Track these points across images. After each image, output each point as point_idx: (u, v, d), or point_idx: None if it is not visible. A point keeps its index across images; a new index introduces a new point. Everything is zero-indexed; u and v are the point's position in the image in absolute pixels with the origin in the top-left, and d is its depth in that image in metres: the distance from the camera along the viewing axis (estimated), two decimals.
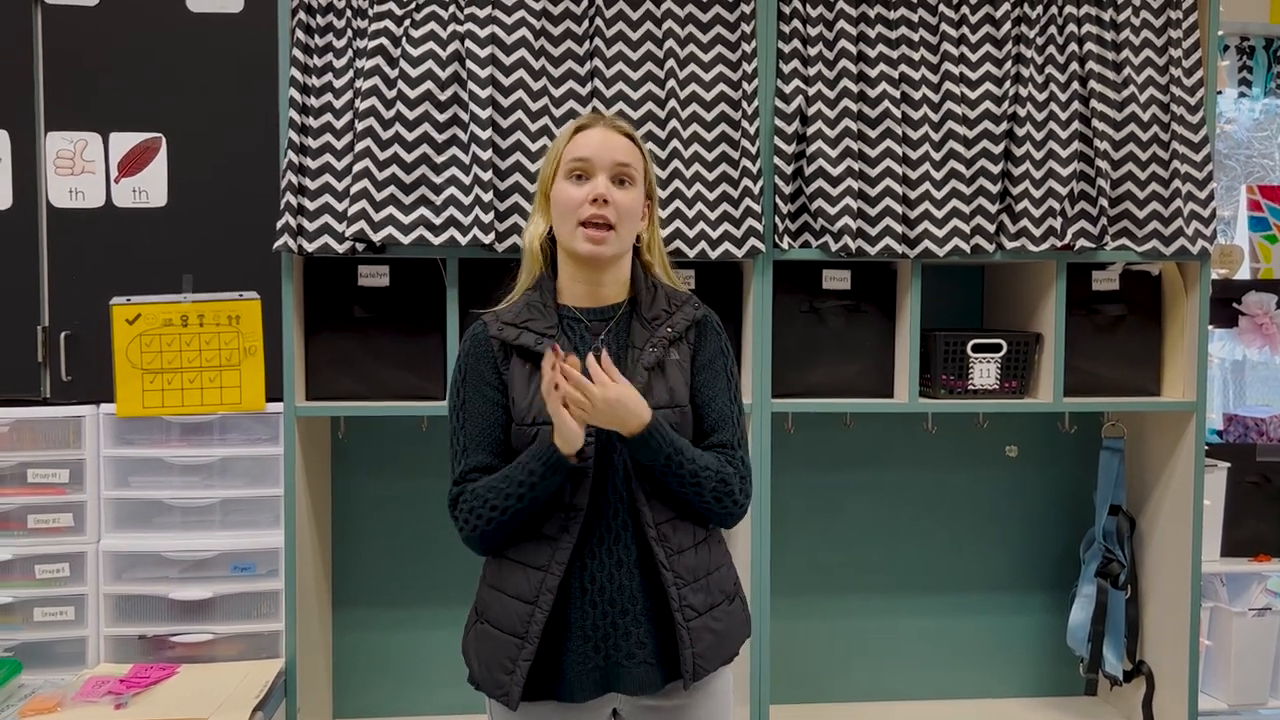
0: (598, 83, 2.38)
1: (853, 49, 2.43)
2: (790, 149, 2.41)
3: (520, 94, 2.33)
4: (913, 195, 2.44)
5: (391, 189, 2.30)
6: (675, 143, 2.37)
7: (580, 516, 1.60)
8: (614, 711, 1.74)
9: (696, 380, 1.70)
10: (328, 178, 2.33)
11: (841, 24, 2.42)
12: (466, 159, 2.32)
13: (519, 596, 1.62)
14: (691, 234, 2.37)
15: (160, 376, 2.41)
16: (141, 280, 2.44)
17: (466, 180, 2.32)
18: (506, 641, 1.62)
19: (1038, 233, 2.46)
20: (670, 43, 2.38)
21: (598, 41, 2.38)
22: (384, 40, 2.31)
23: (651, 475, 1.62)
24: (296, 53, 2.30)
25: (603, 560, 1.62)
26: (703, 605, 1.65)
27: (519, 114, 2.33)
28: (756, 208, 2.38)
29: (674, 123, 2.37)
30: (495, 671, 1.63)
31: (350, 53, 2.35)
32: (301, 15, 2.31)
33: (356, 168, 2.29)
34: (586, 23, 2.39)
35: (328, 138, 2.34)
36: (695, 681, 1.65)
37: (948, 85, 2.46)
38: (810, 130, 2.42)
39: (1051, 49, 2.48)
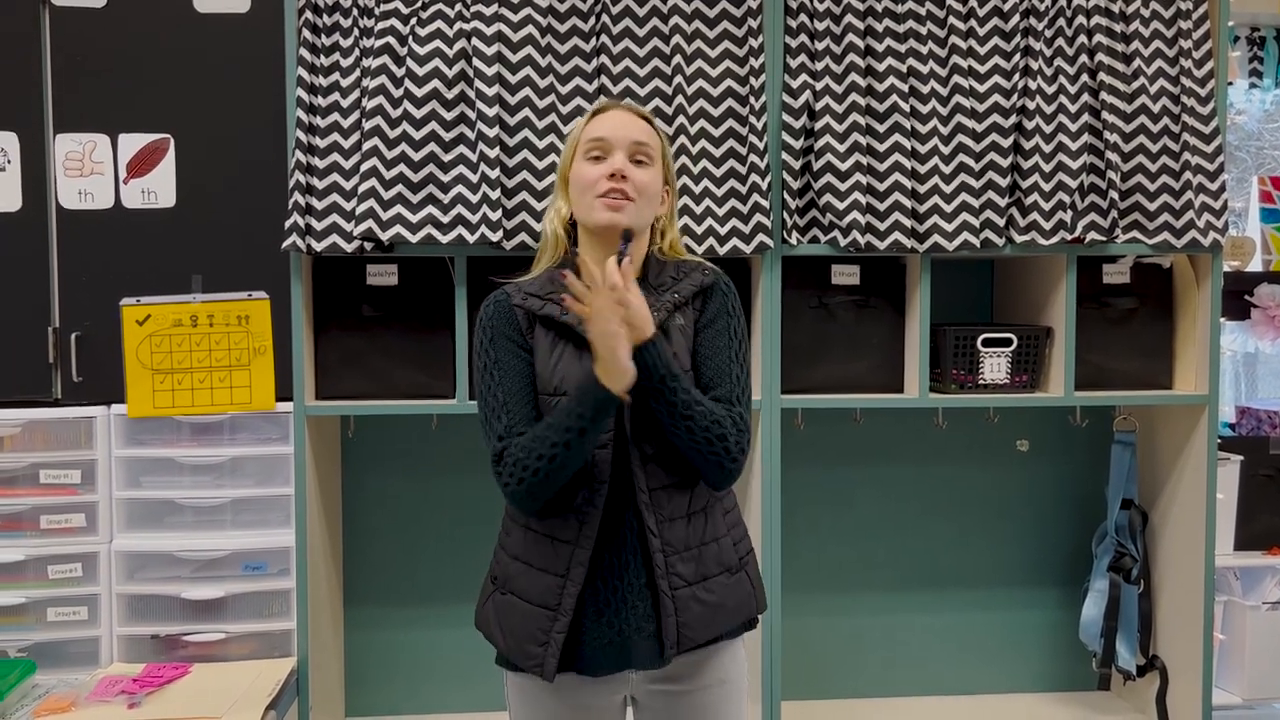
0: (604, 80, 2.38)
1: (860, 43, 2.42)
2: (798, 144, 2.40)
3: (527, 91, 2.33)
4: (921, 189, 2.43)
5: (399, 188, 2.30)
6: (682, 138, 2.37)
7: (604, 488, 1.61)
8: (630, 699, 1.74)
9: (698, 338, 1.68)
10: (335, 177, 2.33)
11: (849, 18, 2.41)
12: (474, 157, 2.32)
13: (548, 569, 1.63)
14: (699, 230, 2.36)
15: (170, 377, 2.42)
16: (151, 281, 2.44)
17: (474, 179, 2.32)
18: (537, 613, 1.63)
19: (1047, 226, 2.45)
20: (677, 39, 2.37)
21: (604, 39, 2.37)
22: (390, 39, 2.31)
23: (652, 433, 1.61)
24: (303, 52, 2.31)
25: (609, 534, 1.63)
26: (692, 575, 1.65)
27: (526, 112, 2.33)
28: (765, 203, 2.37)
29: (681, 119, 2.37)
30: (526, 643, 1.64)
31: (357, 52, 2.35)
32: (308, 15, 2.32)
33: (364, 166, 2.29)
34: (593, 20, 2.38)
35: (335, 137, 2.34)
36: (681, 653, 1.64)
37: (956, 79, 2.45)
38: (818, 125, 2.41)
39: (1060, 41, 2.47)
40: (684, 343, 1.67)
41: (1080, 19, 2.45)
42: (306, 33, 2.31)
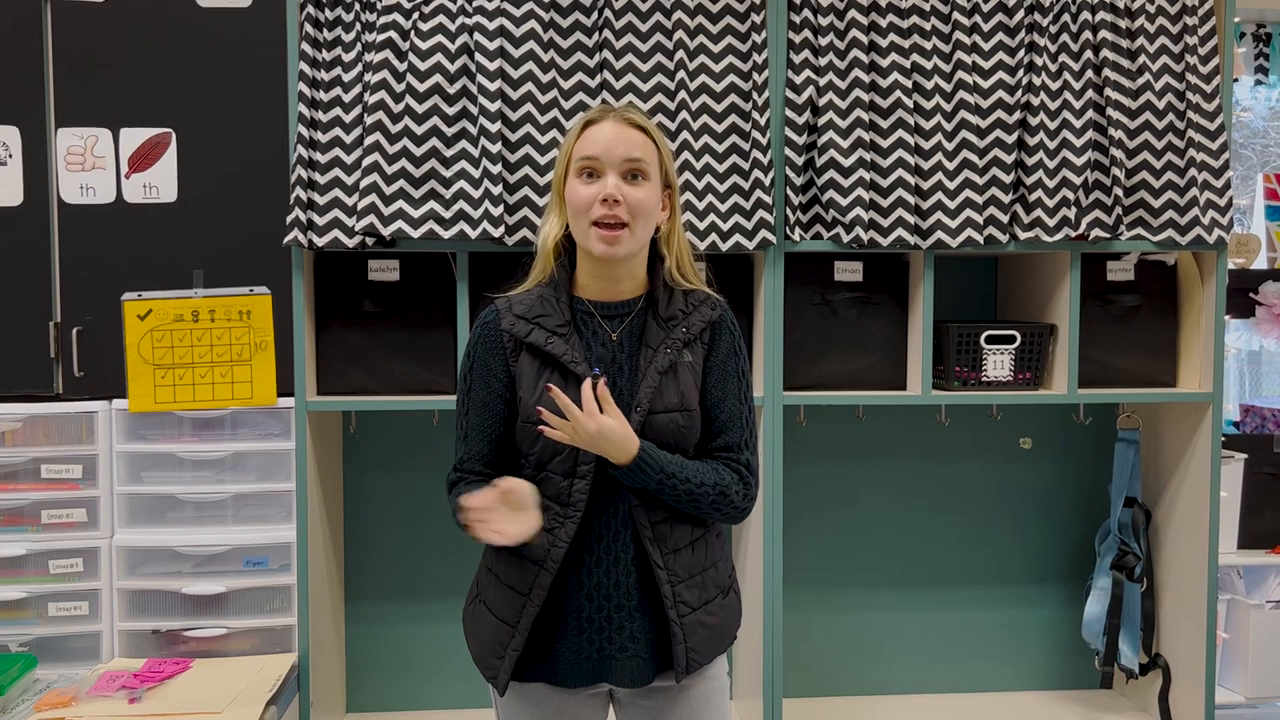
0: (607, 74, 2.37)
1: (864, 39, 2.41)
2: (801, 140, 2.40)
3: (529, 86, 2.32)
4: (925, 186, 2.42)
5: (401, 183, 2.30)
6: (685, 134, 2.36)
7: (577, 516, 1.61)
8: (610, 693, 1.75)
9: (708, 381, 1.69)
10: (337, 172, 2.33)
11: (853, 13, 2.40)
12: (476, 152, 2.32)
13: (512, 586, 1.65)
14: (702, 226, 2.36)
15: (172, 372, 2.42)
16: (152, 275, 2.44)
17: (476, 173, 2.32)
18: (499, 627, 1.65)
19: (1052, 223, 2.44)
20: (680, 33, 2.36)
21: (606, 33, 2.36)
22: (392, 33, 2.30)
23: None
24: (305, 47, 2.30)
25: (600, 556, 1.63)
26: (697, 601, 1.66)
27: (528, 106, 2.32)
28: (767, 199, 2.36)
29: (684, 114, 2.36)
30: (487, 654, 1.68)
31: (359, 46, 2.35)
32: (310, 9, 2.31)
33: (366, 161, 2.29)
34: (595, 14, 2.38)
35: (337, 132, 2.33)
36: (688, 676, 1.66)
37: (960, 75, 2.44)
38: (821, 121, 2.40)
39: (1065, 37, 2.46)
40: (692, 380, 1.67)
41: (1085, 15, 2.44)
42: (308, 27, 2.31)
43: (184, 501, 2.44)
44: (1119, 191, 2.45)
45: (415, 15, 2.31)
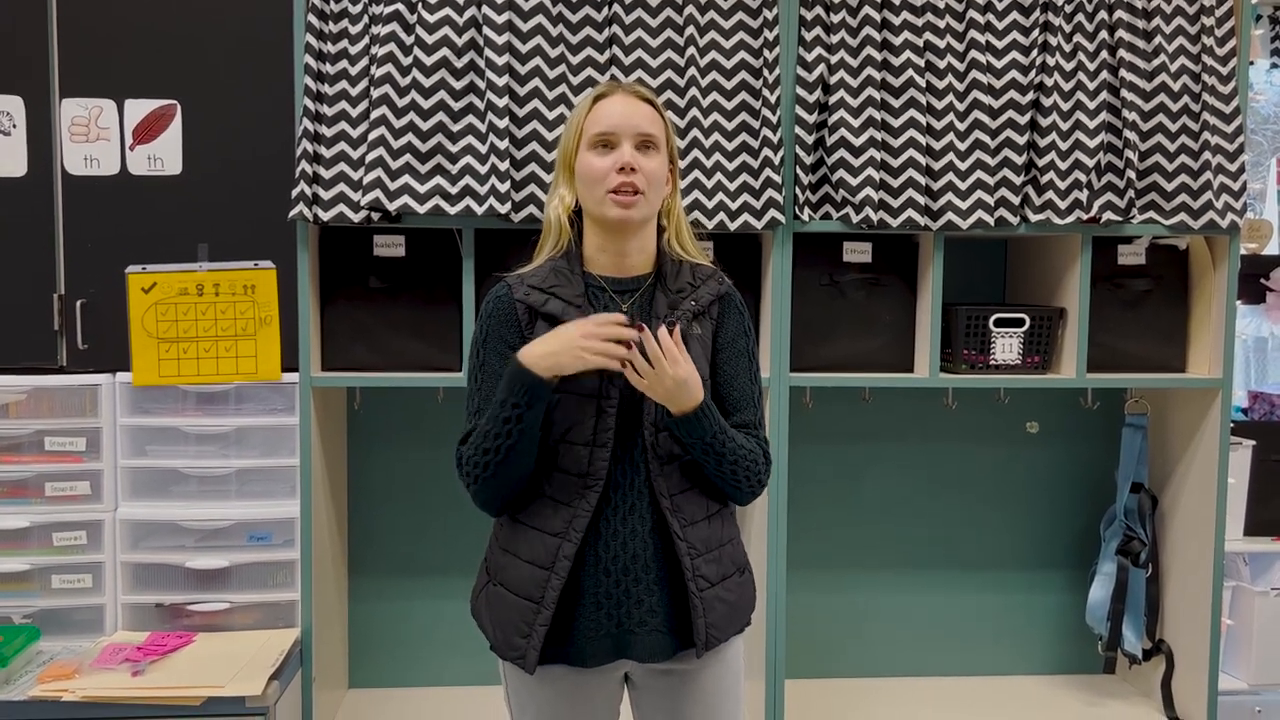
0: (616, 50, 2.34)
1: (876, 17, 2.38)
2: (812, 119, 2.37)
3: (537, 61, 2.30)
4: (936, 166, 2.40)
5: (407, 158, 2.28)
6: (694, 112, 2.34)
7: (599, 485, 1.61)
8: (626, 676, 1.75)
9: (718, 359, 1.70)
10: (343, 146, 2.31)
11: None
12: (483, 128, 2.30)
13: (534, 561, 1.63)
14: (710, 205, 2.34)
15: (176, 345, 2.41)
16: (157, 248, 2.42)
17: (483, 149, 2.30)
18: (522, 606, 1.63)
19: (1063, 205, 2.41)
20: (690, 9, 2.33)
21: (616, 8, 2.34)
22: (400, 6, 2.27)
23: (671, 449, 1.63)
24: (312, 19, 2.27)
25: (617, 529, 1.63)
26: (715, 576, 1.67)
27: (536, 82, 2.30)
28: (777, 178, 2.34)
29: (693, 91, 2.34)
30: (511, 635, 1.65)
31: (366, 19, 2.32)
32: None
33: (372, 136, 2.27)
34: None
35: (343, 105, 2.31)
36: (708, 651, 1.66)
37: (973, 55, 2.41)
38: (832, 100, 2.38)
39: (1080, 17, 2.43)
40: (702, 352, 1.68)
41: None
42: None
43: (188, 476, 2.44)
44: (1132, 174, 2.43)
45: None
